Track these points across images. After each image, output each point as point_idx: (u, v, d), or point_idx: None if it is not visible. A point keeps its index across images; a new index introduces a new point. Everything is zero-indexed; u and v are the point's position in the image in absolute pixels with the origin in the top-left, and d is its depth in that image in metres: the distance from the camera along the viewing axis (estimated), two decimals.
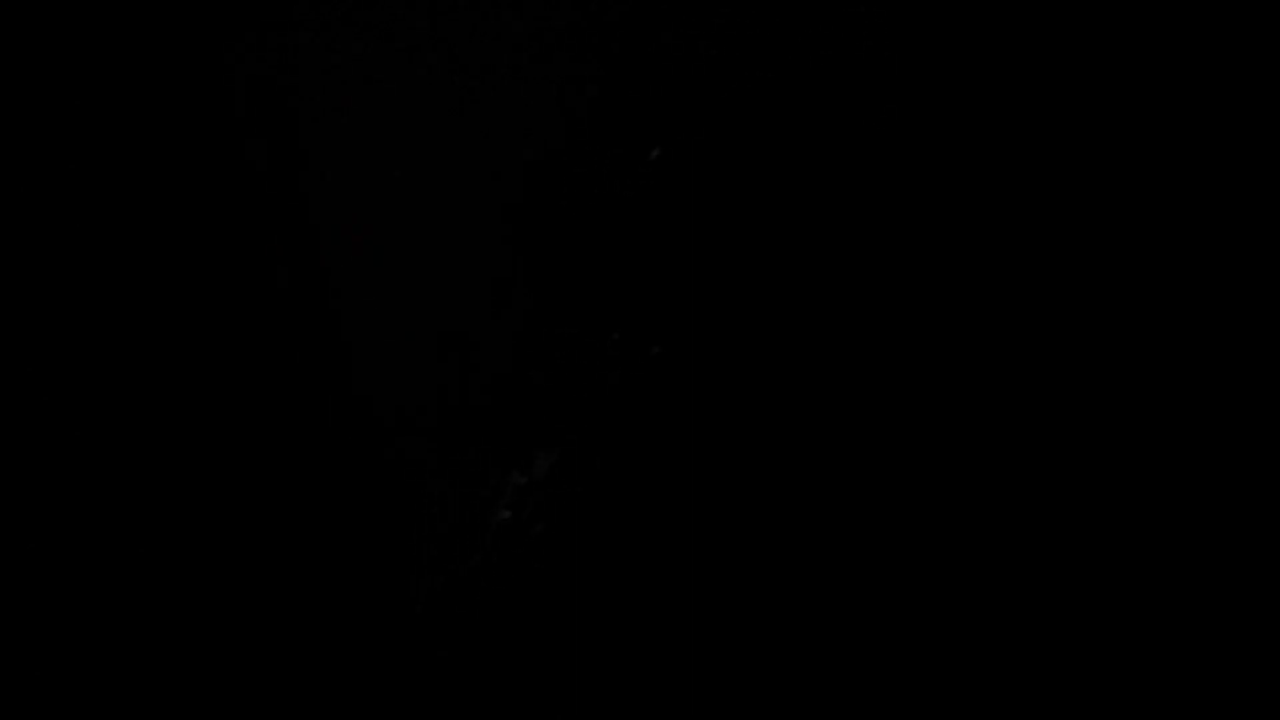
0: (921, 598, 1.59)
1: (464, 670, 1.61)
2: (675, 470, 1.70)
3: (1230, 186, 1.60)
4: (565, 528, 1.69)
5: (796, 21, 1.70)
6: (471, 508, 1.69)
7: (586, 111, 1.73)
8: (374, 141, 1.42)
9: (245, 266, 1.19)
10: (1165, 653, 1.51)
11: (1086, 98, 1.64)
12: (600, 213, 1.72)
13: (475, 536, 1.68)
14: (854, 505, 1.63)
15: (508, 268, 1.66)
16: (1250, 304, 1.57)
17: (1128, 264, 1.62)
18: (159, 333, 1.11)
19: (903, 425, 1.65)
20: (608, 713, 1.62)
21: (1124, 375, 1.60)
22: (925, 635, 1.57)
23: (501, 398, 1.75)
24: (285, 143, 1.12)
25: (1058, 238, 1.64)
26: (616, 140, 1.70)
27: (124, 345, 1.08)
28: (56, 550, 1.05)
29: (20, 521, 1.02)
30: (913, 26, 1.66)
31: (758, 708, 1.60)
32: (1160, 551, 1.54)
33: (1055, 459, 1.60)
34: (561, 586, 1.68)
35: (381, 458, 1.40)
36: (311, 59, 1.20)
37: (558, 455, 1.73)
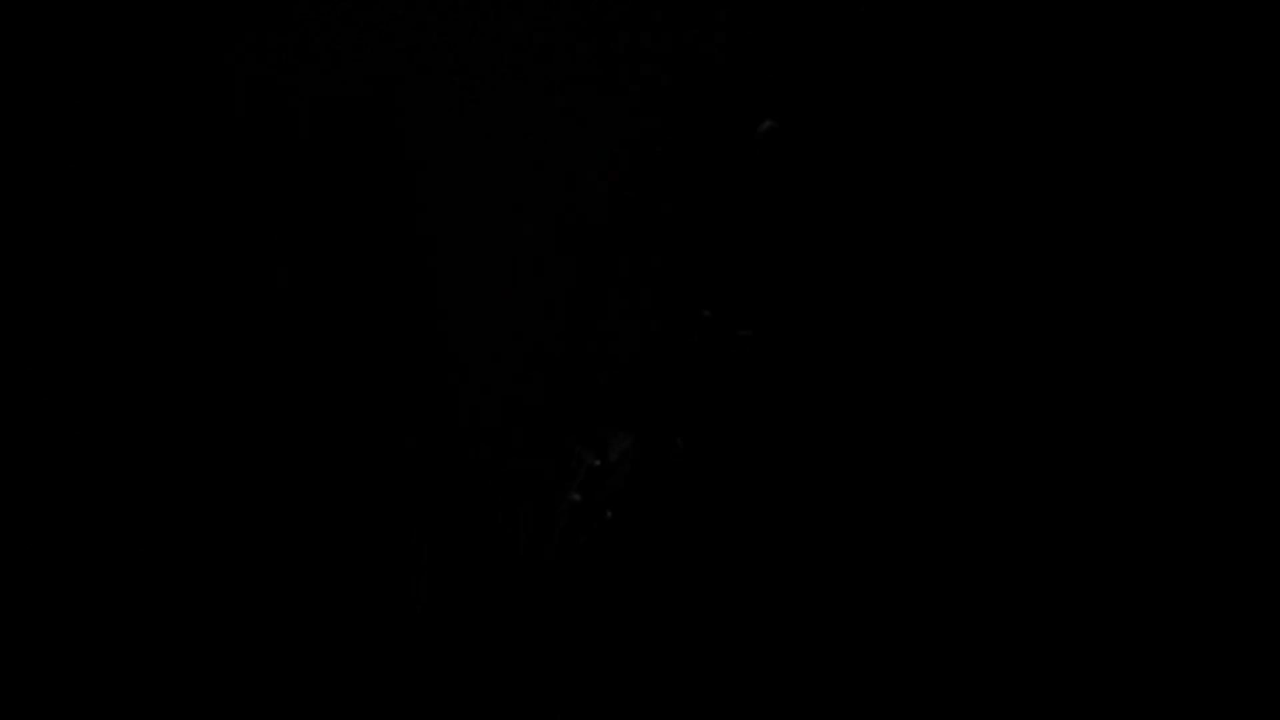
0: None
1: (528, 656, 1.55)
2: (760, 463, 1.62)
3: (1230, 186, 1.53)
4: (636, 516, 1.61)
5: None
6: (543, 488, 1.61)
7: (689, 82, 1.61)
8: (475, 134, 1.31)
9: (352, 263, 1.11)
10: (1165, 652, 1.48)
11: (1090, 97, 1.55)
12: (700, 187, 1.61)
13: (545, 518, 1.60)
14: (964, 500, 1.57)
15: (600, 242, 1.56)
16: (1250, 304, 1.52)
17: (1130, 264, 1.55)
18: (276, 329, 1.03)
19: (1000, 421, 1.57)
20: (669, 709, 1.56)
21: (1126, 375, 1.55)
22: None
23: (580, 374, 1.66)
24: (394, 157, 1.02)
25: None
26: (723, 111, 1.58)
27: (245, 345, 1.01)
28: (160, 538, 0.98)
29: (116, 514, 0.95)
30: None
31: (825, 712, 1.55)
32: (1161, 551, 1.51)
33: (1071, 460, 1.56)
34: (629, 577, 1.61)
35: (464, 438, 1.33)
36: (417, 69, 1.09)
37: (633, 438, 1.64)
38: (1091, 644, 1.50)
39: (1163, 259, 1.53)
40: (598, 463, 1.60)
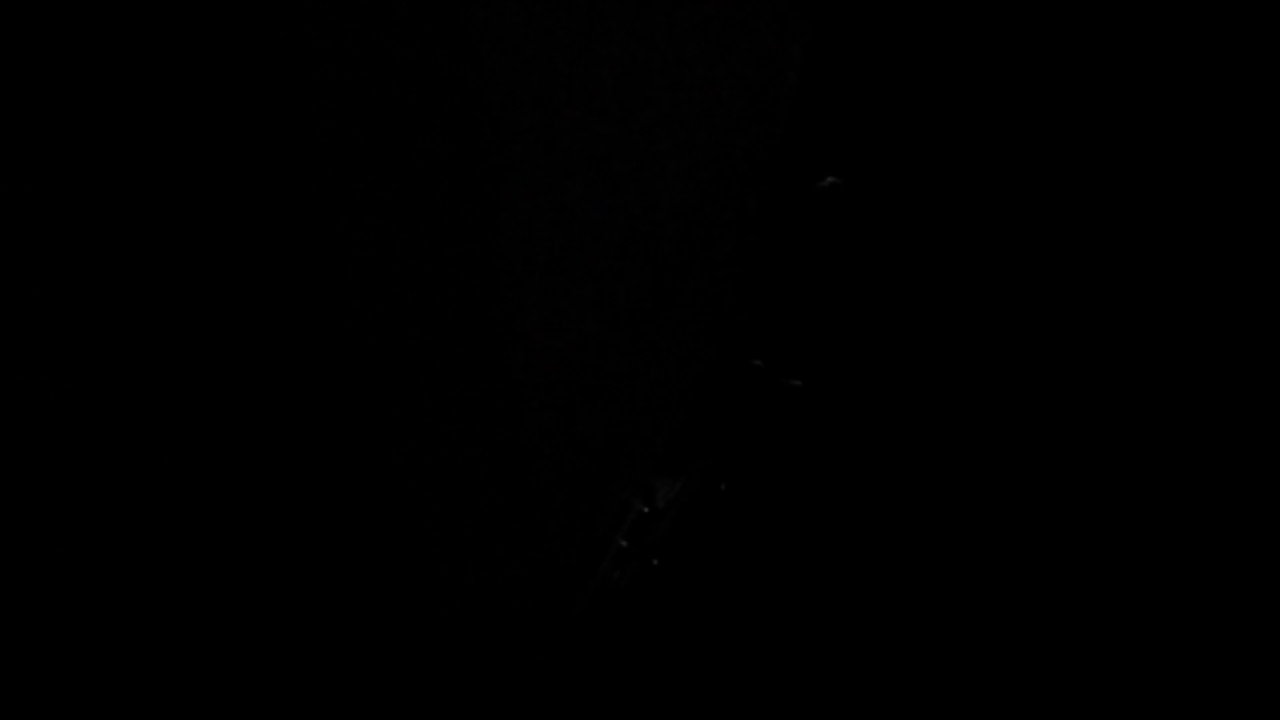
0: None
1: (567, 691, 1.54)
2: (809, 517, 1.63)
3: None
4: (683, 566, 1.61)
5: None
6: (591, 530, 1.60)
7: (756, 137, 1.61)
8: (558, 162, 1.30)
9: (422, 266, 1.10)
10: (1166, 652, 1.53)
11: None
12: (760, 236, 1.61)
13: (591, 561, 1.59)
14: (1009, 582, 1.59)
15: (659, 287, 1.55)
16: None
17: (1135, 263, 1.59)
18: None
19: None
20: None
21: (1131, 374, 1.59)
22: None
23: (633, 419, 1.65)
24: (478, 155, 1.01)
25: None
26: (788, 163, 1.58)
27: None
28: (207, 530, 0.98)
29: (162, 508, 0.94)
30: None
31: None
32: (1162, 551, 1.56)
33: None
34: (675, 627, 1.60)
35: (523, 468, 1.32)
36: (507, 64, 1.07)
37: (681, 486, 1.63)
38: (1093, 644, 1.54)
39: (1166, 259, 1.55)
40: (646, 510, 1.59)
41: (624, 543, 1.58)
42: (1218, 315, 1.55)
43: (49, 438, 0.85)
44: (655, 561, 1.59)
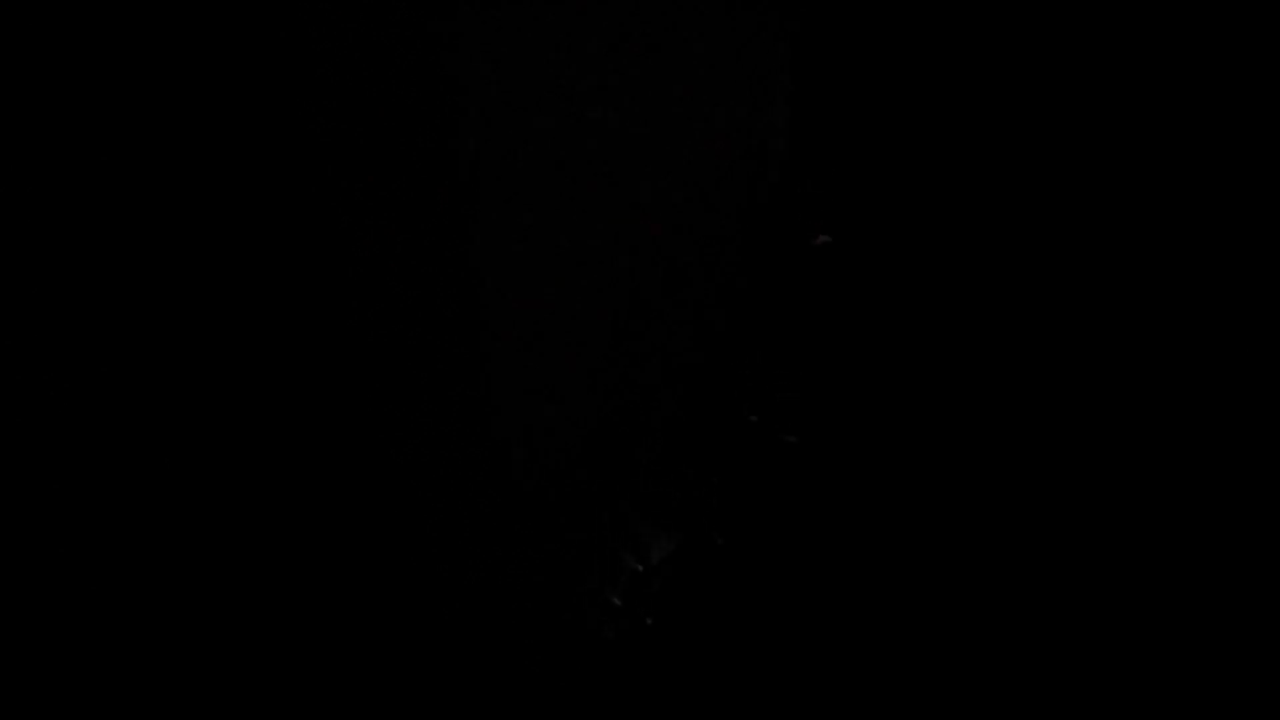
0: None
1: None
2: (804, 578, 1.59)
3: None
4: (678, 626, 1.57)
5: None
6: (582, 585, 1.57)
7: (754, 191, 1.64)
8: (537, 190, 1.33)
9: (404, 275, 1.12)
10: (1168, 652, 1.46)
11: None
12: (755, 290, 1.63)
13: (583, 617, 1.56)
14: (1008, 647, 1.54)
15: (653, 337, 1.56)
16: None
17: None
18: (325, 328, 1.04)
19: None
20: None
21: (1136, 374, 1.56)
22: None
23: (624, 473, 1.64)
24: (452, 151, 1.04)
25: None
26: (786, 220, 1.61)
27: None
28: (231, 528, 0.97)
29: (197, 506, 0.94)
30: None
31: None
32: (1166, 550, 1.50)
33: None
34: (667, 688, 1.56)
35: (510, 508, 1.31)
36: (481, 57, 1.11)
37: (676, 544, 1.61)
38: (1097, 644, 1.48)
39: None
40: (640, 568, 1.57)
41: (617, 600, 1.56)
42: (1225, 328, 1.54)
43: (49, 438, 0.85)
44: (649, 620, 1.56)
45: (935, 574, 1.59)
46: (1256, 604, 1.49)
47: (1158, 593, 1.52)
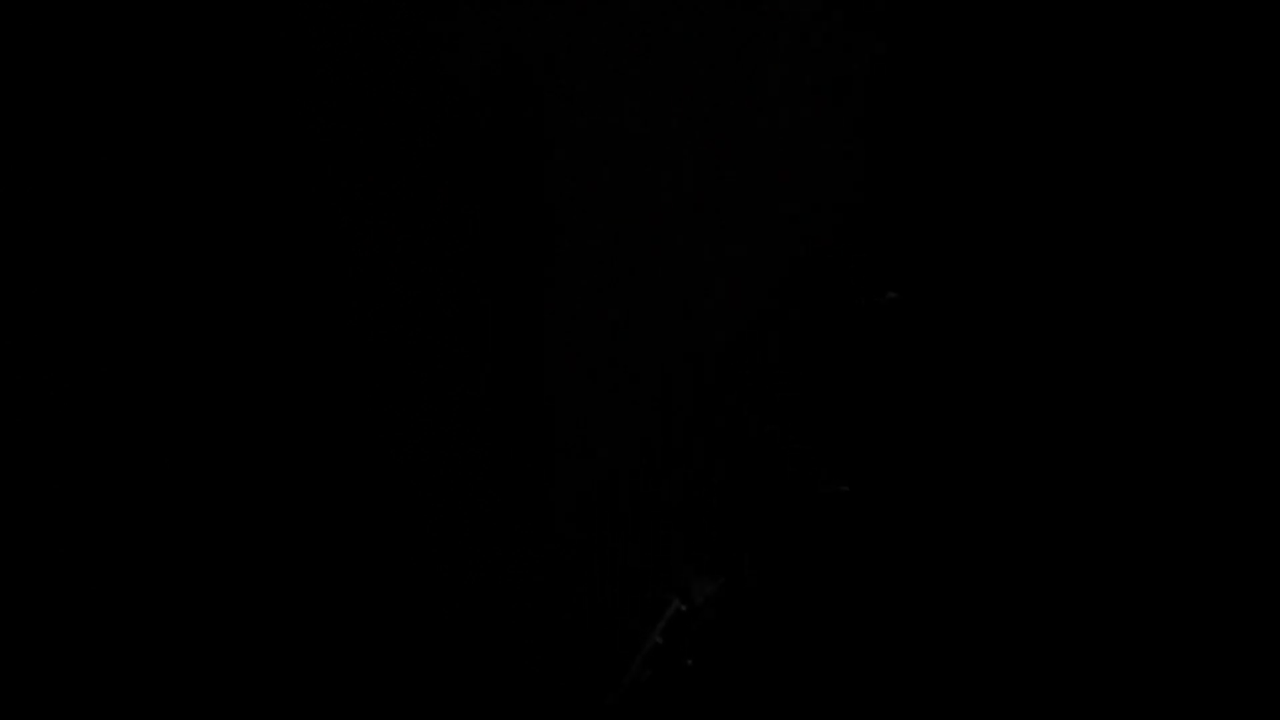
0: None
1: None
2: (847, 628, 1.61)
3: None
4: (718, 666, 1.59)
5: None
6: (624, 624, 1.59)
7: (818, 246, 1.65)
8: (617, 250, 1.35)
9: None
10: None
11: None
12: (816, 342, 1.64)
13: (624, 657, 1.57)
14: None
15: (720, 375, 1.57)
16: None
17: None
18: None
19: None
20: None
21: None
22: None
23: (669, 515, 1.65)
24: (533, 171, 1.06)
25: None
26: (854, 273, 1.62)
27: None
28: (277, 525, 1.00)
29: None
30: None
31: None
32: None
33: None
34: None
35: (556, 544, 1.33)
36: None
37: (719, 586, 1.63)
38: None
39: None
40: (683, 608, 1.59)
41: (660, 639, 1.57)
42: None
43: (49, 438, 0.86)
44: (689, 661, 1.57)
45: (990, 628, 1.61)
46: (1257, 604, 1.52)
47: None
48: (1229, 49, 1.55)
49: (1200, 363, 1.60)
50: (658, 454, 1.56)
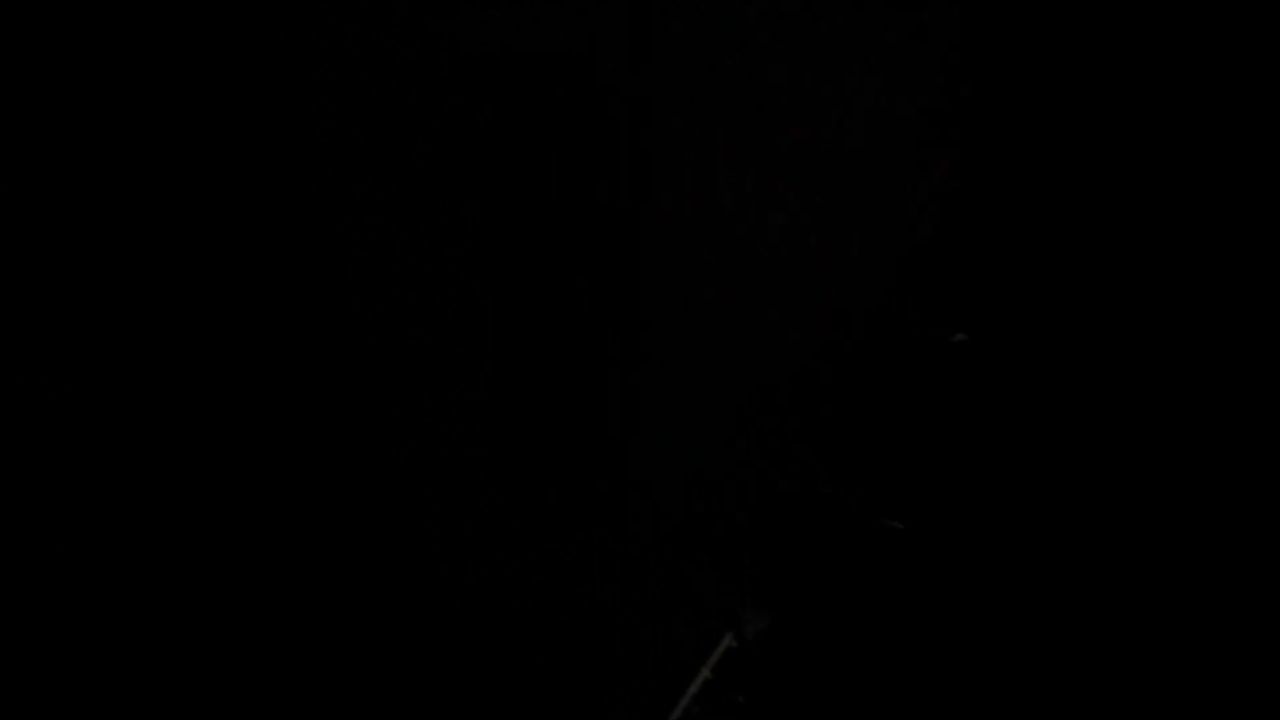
0: None
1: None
2: (898, 667, 1.59)
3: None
4: (769, 704, 1.60)
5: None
6: (675, 658, 1.60)
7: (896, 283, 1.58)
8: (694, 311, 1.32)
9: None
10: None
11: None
12: (888, 388, 1.59)
13: (674, 690, 1.59)
14: None
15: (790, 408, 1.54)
16: None
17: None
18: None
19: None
20: None
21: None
22: None
23: (725, 548, 1.64)
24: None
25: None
26: (926, 312, 1.55)
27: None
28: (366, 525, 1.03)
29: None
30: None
31: None
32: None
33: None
34: None
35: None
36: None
37: (771, 621, 1.62)
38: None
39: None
40: (735, 644, 1.59)
41: (709, 674, 1.58)
42: None
43: (49, 437, 0.88)
44: (740, 699, 1.58)
45: (1041, 671, 1.57)
46: (1257, 604, 1.46)
47: None
48: None
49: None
50: (727, 490, 1.55)
